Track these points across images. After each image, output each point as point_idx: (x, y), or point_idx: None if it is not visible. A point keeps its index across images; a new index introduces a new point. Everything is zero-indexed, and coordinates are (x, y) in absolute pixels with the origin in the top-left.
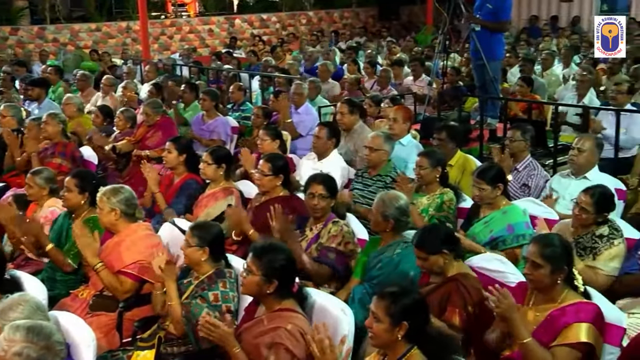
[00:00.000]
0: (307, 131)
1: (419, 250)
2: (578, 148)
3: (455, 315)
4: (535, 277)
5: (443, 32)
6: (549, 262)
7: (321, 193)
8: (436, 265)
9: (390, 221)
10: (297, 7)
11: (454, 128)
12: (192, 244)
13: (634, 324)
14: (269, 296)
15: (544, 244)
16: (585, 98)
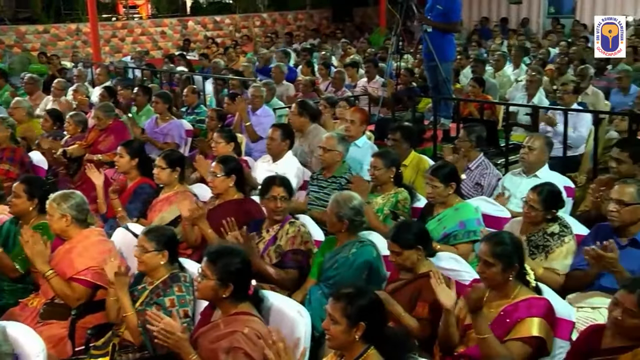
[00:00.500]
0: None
1: (394, 244)
2: (529, 147)
3: (425, 310)
4: (488, 275)
5: (396, 34)
6: (501, 260)
7: (282, 195)
8: (409, 260)
9: (345, 221)
10: (251, 9)
11: (408, 129)
12: (150, 248)
13: (583, 318)
14: (225, 300)
15: (495, 242)
16: (535, 98)
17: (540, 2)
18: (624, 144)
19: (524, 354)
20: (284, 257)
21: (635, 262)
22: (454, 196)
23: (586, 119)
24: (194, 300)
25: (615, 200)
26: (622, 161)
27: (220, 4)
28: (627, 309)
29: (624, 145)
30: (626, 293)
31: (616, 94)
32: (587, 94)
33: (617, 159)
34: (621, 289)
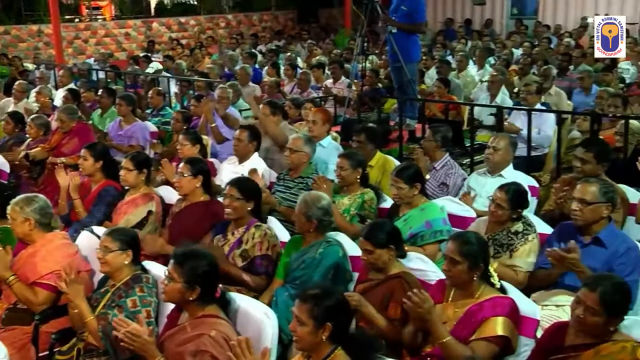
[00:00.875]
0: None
1: (367, 242)
2: (493, 147)
3: (398, 311)
4: (454, 273)
5: (361, 35)
6: (467, 259)
7: (232, 194)
8: (380, 260)
9: (314, 221)
10: (216, 10)
11: (372, 130)
12: (114, 248)
13: (547, 316)
14: (192, 303)
15: (462, 241)
16: (497, 98)
17: (504, 4)
18: (588, 144)
19: (489, 353)
20: (253, 262)
21: (597, 260)
22: (419, 196)
23: (550, 119)
24: (157, 302)
25: (577, 199)
26: (586, 161)
27: (184, 5)
28: (588, 307)
29: (588, 145)
30: (588, 291)
31: (578, 94)
32: (551, 94)
33: (582, 159)
34: (583, 287)
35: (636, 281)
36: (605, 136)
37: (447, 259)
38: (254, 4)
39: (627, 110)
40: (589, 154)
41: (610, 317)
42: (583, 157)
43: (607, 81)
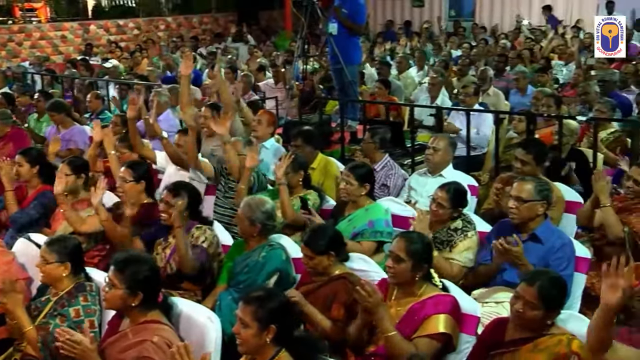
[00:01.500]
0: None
1: (306, 248)
2: (433, 147)
3: (341, 311)
4: (397, 271)
5: (301, 37)
6: (412, 258)
7: (167, 200)
8: (320, 265)
9: (257, 225)
10: (155, 12)
11: (309, 132)
12: (51, 260)
13: (487, 313)
14: (134, 309)
15: (409, 240)
16: (438, 99)
17: (442, 6)
18: (528, 146)
19: (431, 350)
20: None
21: (534, 256)
22: (365, 198)
23: (488, 120)
24: (101, 310)
25: (514, 197)
26: (526, 162)
27: (123, 7)
28: (527, 301)
29: (528, 146)
30: (526, 286)
31: (515, 94)
32: (489, 94)
33: (522, 160)
34: (522, 282)
35: (571, 275)
36: (541, 135)
37: (391, 255)
38: (193, 6)
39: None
40: (529, 156)
41: (548, 311)
42: (523, 158)
43: (543, 82)
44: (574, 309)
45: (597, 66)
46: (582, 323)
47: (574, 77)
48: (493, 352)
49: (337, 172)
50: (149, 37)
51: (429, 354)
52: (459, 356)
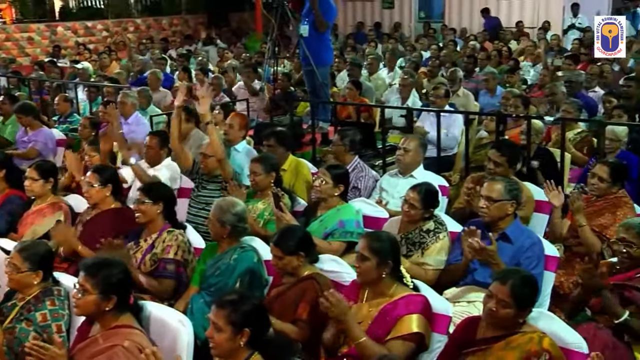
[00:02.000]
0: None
1: (276, 248)
2: (404, 148)
3: (305, 311)
4: (363, 269)
5: (272, 39)
6: (376, 255)
7: (139, 198)
8: (290, 265)
9: (227, 227)
10: (124, 14)
11: (282, 133)
12: (23, 268)
13: (459, 312)
14: (107, 313)
15: (373, 238)
16: (409, 100)
17: (412, 7)
18: (501, 147)
19: (406, 350)
20: (157, 266)
21: (505, 255)
22: (338, 199)
23: (458, 120)
24: (70, 315)
25: (484, 197)
26: (499, 164)
27: (91, 9)
28: (500, 299)
29: (501, 148)
30: (499, 285)
31: (484, 95)
32: (459, 95)
33: (495, 162)
34: (494, 281)
35: (541, 274)
36: (510, 135)
37: (357, 255)
38: (163, 8)
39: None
40: (502, 158)
41: (520, 309)
42: (497, 160)
43: (511, 82)
44: (544, 307)
45: (563, 67)
46: (552, 321)
47: (540, 78)
48: (465, 351)
49: (308, 174)
50: (120, 39)
51: (404, 354)
52: (430, 355)
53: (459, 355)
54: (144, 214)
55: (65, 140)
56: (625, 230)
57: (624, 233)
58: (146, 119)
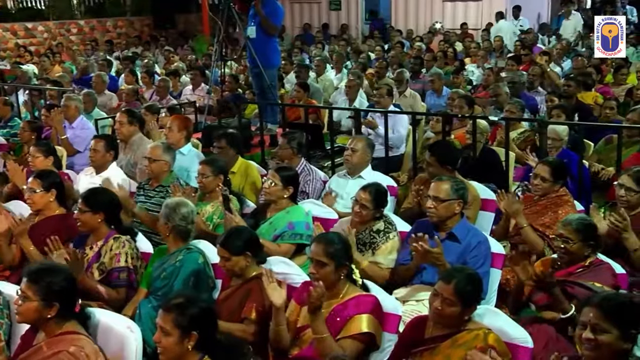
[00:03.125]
0: (85, 146)
1: (223, 249)
2: (352, 148)
3: (252, 311)
4: (322, 275)
5: (219, 41)
6: (333, 260)
7: (80, 207)
8: (237, 266)
9: (168, 225)
10: (67, 15)
11: (233, 135)
12: None
13: (408, 311)
14: (50, 321)
15: (327, 243)
16: (356, 101)
17: (358, 9)
18: (432, 148)
19: (356, 350)
20: (109, 276)
21: (452, 254)
22: (288, 201)
23: (404, 120)
24: (10, 323)
25: (432, 197)
26: (430, 164)
27: (31, 10)
28: (445, 298)
29: (432, 149)
30: (444, 284)
31: (431, 95)
32: (406, 96)
33: (428, 162)
34: (439, 280)
35: (487, 272)
36: (456, 135)
37: (313, 261)
38: (107, 9)
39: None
40: (432, 158)
41: (465, 307)
42: (429, 160)
43: (457, 83)
44: (491, 304)
45: (507, 68)
46: (498, 317)
47: (484, 79)
48: (414, 350)
49: (257, 176)
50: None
51: (354, 354)
52: (381, 354)
53: (409, 354)
54: (84, 224)
55: (6, 145)
56: (563, 227)
57: (562, 229)
58: (91, 123)
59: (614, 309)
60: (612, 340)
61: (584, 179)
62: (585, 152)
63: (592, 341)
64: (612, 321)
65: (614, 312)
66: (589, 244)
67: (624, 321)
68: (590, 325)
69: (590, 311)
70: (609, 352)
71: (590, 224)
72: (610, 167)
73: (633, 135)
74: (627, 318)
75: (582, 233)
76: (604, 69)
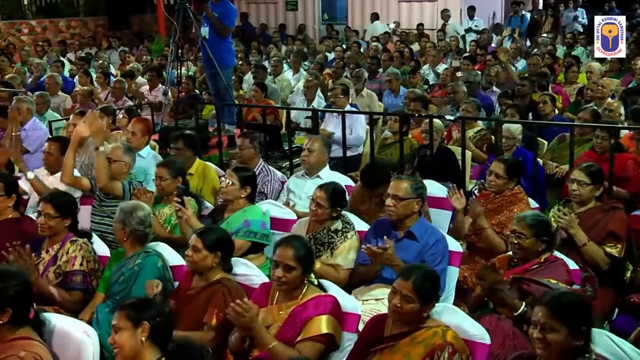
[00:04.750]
0: (37, 147)
1: (198, 239)
2: (308, 149)
3: (213, 317)
4: (289, 279)
5: (175, 41)
6: (301, 264)
7: (48, 212)
8: (204, 262)
9: (126, 230)
10: (17, 15)
11: (190, 136)
12: None
13: (368, 310)
14: (2, 327)
15: (295, 247)
16: (314, 101)
17: (315, 9)
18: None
19: (316, 352)
20: (65, 279)
21: (411, 252)
22: (245, 200)
23: (361, 120)
24: None
25: (391, 195)
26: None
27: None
28: (404, 295)
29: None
30: (402, 281)
31: (388, 95)
32: (363, 95)
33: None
34: (398, 277)
35: (445, 270)
36: (413, 135)
37: (280, 265)
38: (60, 9)
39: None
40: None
41: (424, 304)
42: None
43: (414, 83)
44: (449, 301)
45: (462, 68)
46: (455, 314)
47: (442, 78)
48: (373, 349)
49: (215, 177)
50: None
51: (314, 356)
52: (341, 354)
53: (368, 353)
54: (51, 229)
55: None
56: (517, 222)
57: (515, 225)
58: (44, 124)
59: (562, 307)
60: (561, 339)
61: (538, 177)
62: (539, 150)
63: (542, 340)
64: (560, 320)
65: (562, 311)
66: (542, 239)
67: (572, 319)
68: (539, 324)
69: (539, 310)
70: (559, 350)
71: (543, 220)
72: (564, 165)
73: (584, 133)
74: (575, 316)
75: (536, 229)
76: (557, 68)
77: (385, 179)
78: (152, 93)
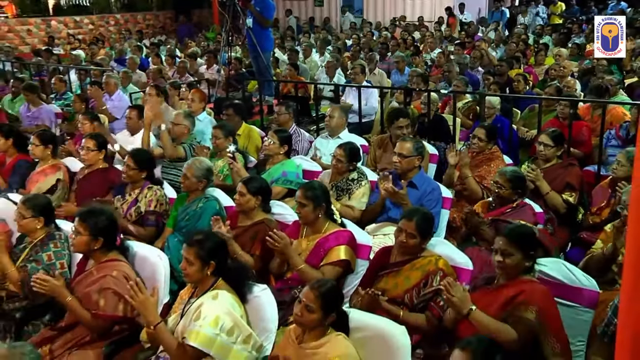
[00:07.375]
0: (122, 114)
1: (243, 186)
2: (330, 115)
3: (258, 248)
4: (303, 213)
5: (226, 30)
6: (311, 201)
7: (129, 164)
8: (248, 204)
9: (203, 181)
10: (107, 10)
11: (238, 105)
12: (27, 215)
13: (377, 243)
14: (97, 251)
15: (306, 188)
16: (335, 78)
17: (337, 5)
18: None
19: (335, 274)
20: (143, 217)
21: (412, 198)
22: (283, 156)
23: (374, 93)
24: (70, 254)
25: (397, 153)
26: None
27: (79, 6)
28: (408, 233)
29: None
30: (407, 221)
31: (395, 73)
32: (375, 74)
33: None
34: (403, 218)
35: (439, 212)
36: (415, 105)
37: (297, 203)
38: (137, 5)
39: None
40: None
41: (423, 239)
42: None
43: (416, 63)
44: (441, 236)
45: (454, 52)
46: (446, 246)
47: (437, 60)
48: (381, 273)
49: (258, 138)
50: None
51: (334, 276)
52: (356, 277)
53: (377, 276)
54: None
55: (62, 113)
56: (499, 175)
57: (497, 177)
58: (126, 96)
59: (517, 236)
60: (516, 261)
61: (512, 139)
62: (514, 118)
63: (501, 263)
64: (515, 246)
65: (517, 239)
66: (517, 191)
67: (525, 245)
68: (500, 250)
69: (500, 239)
70: (515, 269)
71: (520, 176)
72: (533, 130)
73: (550, 105)
74: (527, 243)
75: (513, 182)
76: (529, 53)
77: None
78: (208, 71)
